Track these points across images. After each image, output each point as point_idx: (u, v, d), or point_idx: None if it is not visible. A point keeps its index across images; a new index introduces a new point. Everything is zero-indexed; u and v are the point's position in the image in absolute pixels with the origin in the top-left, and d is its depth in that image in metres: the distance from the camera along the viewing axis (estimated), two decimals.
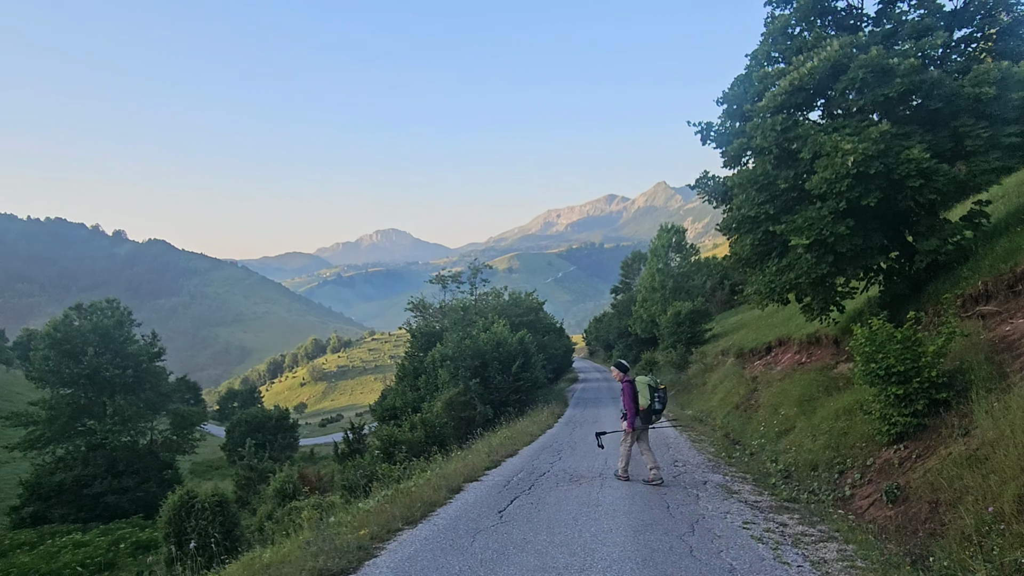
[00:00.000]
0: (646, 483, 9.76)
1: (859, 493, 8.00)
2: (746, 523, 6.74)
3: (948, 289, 11.60)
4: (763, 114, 12.97)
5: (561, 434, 16.93)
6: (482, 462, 11.60)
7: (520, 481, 9.96)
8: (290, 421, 56.78)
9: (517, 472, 10.81)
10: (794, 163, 13.10)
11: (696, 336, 32.54)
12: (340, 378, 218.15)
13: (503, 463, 11.91)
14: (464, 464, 11.24)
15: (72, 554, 22.53)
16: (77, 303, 33.87)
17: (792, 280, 12.53)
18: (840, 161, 11.25)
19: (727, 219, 13.79)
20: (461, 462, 11.60)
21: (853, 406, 10.31)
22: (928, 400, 7.88)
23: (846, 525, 6.70)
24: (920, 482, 6.98)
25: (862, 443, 8.91)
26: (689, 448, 13.38)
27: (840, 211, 11.56)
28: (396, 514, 7.30)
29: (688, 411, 21.69)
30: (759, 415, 15.10)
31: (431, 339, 32.29)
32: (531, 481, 9.86)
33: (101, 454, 30.82)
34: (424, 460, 15.90)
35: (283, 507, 16.48)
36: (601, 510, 7.48)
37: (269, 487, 20.75)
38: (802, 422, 11.91)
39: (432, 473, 10.91)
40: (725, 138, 14.19)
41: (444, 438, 21.69)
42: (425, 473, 11.27)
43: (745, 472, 10.38)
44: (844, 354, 14.72)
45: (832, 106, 12.91)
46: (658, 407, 9.83)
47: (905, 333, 8.19)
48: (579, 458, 12.28)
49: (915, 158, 10.90)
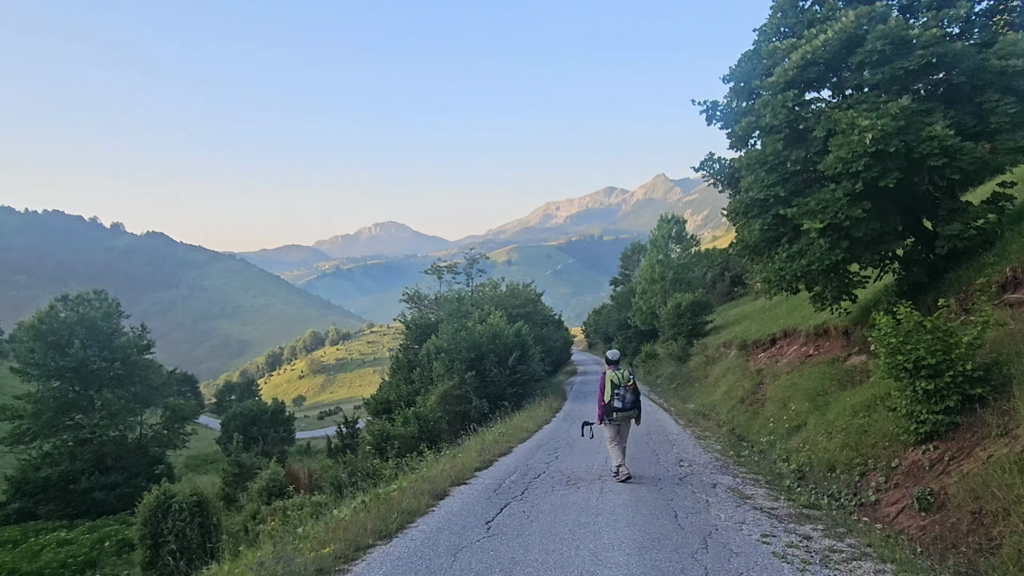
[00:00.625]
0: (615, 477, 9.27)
1: (885, 498, 7.27)
2: (765, 536, 5.94)
3: (971, 276, 10.88)
4: (773, 90, 12.18)
5: (558, 430, 16.20)
6: (472, 462, 10.76)
7: (512, 484, 9.15)
8: (286, 414, 56.09)
9: (510, 474, 10.00)
10: (806, 142, 12.33)
11: (697, 328, 31.85)
12: (339, 371, 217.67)
13: (495, 463, 11.10)
14: (452, 464, 10.36)
15: (54, 553, 21.88)
16: (64, 294, 33.06)
17: (804, 267, 11.78)
18: (857, 139, 10.48)
19: (734, 203, 13.01)
20: (450, 462, 10.75)
21: (872, 401, 9.58)
22: (961, 396, 7.15)
23: (879, 538, 5.95)
24: (958, 488, 6.24)
25: (885, 442, 8.18)
26: (694, 445, 12.63)
27: (856, 193, 10.80)
28: (369, 527, 6.42)
29: (690, 405, 20.99)
30: (767, 410, 14.39)
31: (426, 331, 31.53)
32: (524, 484, 9.05)
33: (89, 449, 30.07)
34: (416, 456, 15.23)
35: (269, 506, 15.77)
36: (602, 521, 6.65)
37: (254, 485, 20.03)
38: (815, 418, 11.19)
39: (418, 475, 10.08)
40: (732, 117, 13.40)
41: (438, 433, 20.99)
42: (410, 475, 10.48)
43: (756, 473, 9.61)
44: (855, 346, 14.01)
45: (846, 84, 12.11)
46: (617, 405, 9.15)
47: (935, 322, 7.44)
48: (577, 457, 11.52)
49: (938, 135, 10.13)
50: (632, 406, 9.20)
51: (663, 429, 15.27)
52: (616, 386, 9.23)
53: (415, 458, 14.98)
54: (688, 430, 15.22)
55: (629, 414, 9.26)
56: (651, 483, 8.91)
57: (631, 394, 9.17)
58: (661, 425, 16.14)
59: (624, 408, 9.15)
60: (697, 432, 14.81)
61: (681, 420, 17.41)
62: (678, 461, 10.71)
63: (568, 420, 18.74)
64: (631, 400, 9.16)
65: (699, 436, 13.99)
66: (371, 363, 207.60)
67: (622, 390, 9.17)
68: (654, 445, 12.70)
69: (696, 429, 15.49)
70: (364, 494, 8.83)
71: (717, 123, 13.77)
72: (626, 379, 9.28)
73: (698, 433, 14.62)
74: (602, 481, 9.12)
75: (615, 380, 9.26)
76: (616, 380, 9.26)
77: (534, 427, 16.41)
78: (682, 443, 12.98)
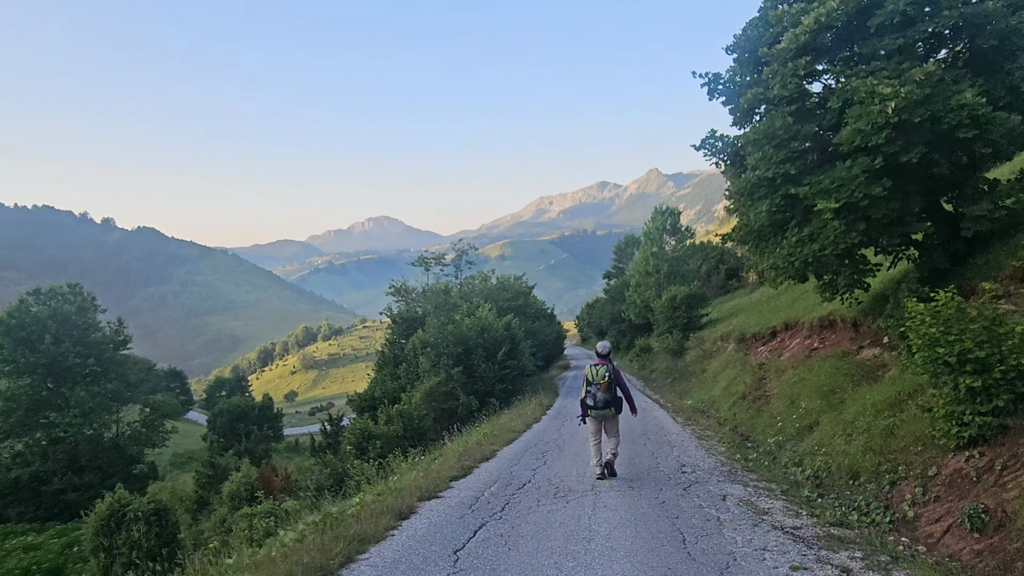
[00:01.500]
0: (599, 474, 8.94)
1: (925, 514, 6.24)
2: (795, 569, 4.82)
3: (1002, 261, 9.88)
4: (781, 59, 11.12)
5: (548, 429, 15.10)
6: (449, 469, 9.56)
7: (492, 497, 7.97)
8: (274, 410, 54.90)
9: (490, 483, 8.86)
10: (817, 116, 11.29)
11: (692, 321, 30.97)
12: (331, 366, 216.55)
13: (475, 469, 9.89)
14: (426, 473, 9.17)
15: (19, 559, 20.73)
16: (36, 287, 31.77)
17: (816, 252, 10.74)
18: (878, 109, 9.42)
19: (739, 183, 11.92)
20: (423, 469, 9.58)
21: (897, 399, 8.57)
22: (1013, 395, 6.14)
23: (930, 571, 4.89)
24: (1020, 504, 5.22)
25: (917, 447, 7.17)
26: (696, 447, 11.56)
27: (875, 170, 9.77)
28: (306, 561, 5.19)
29: (688, 401, 20.00)
30: (772, 407, 13.39)
31: (413, 324, 30.42)
32: (506, 497, 7.92)
33: (62, 449, 28.85)
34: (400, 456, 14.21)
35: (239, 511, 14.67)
36: (595, 548, 5.46)
37: (226, 488, 18.90)
38: (828, 418, 10.18)
39: (384, 486, 8.88)
40: (736, 90, 12.33)
41: (423, 432, 19.94)
42: (378, 485, 9.31)
43: (769, 480, 8.51)
44: (866, 338, 13.03)
45: (863, 51, 11.05)
46: (589, 403, 8.89)
47: (981, 309, 6.43)
48: (567, 462, 10.41)
49: (968, 103, 9.09)
50: (605, 405, 8.85)
51: (661, 428, 14.22)
52: (590, 383, 8.96)
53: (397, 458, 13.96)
54: (687, 429, 14.19)
55: (603, 412, 8.93)
56: (651, 493, 7.80)
57: (602, 392, 8.78)
58: (658, 423, 15.11)
59: (596, 406, 8.86)
60: (697, 431, 13.78)
61: (679, 418, 16.39)
62: (680, 466, 9.64)
63: (559, 418, 17.68)
64: (603, 399, 8.83)
65: (700, 436, 12.93)
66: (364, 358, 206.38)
67: (593, 388, 8.89)
68: (652, 447, 11.64)
69: (696, 428, 14.46)
70: (315, 512, 7.62)
71: (719, 97, 12.70)
72: (600, 376, 8.87)
73: (698, 432, 13.58)
74: (595, 493, 7.97)
75: (589, 377, 8.98)
76: (591, 377, 8.96)
77: (522, 427, 15.27)
78: (682, 444, 11.91)
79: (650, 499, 7.53)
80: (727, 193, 15.57)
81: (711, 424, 14.96)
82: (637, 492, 7.95)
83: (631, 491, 8.04)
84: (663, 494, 7.73)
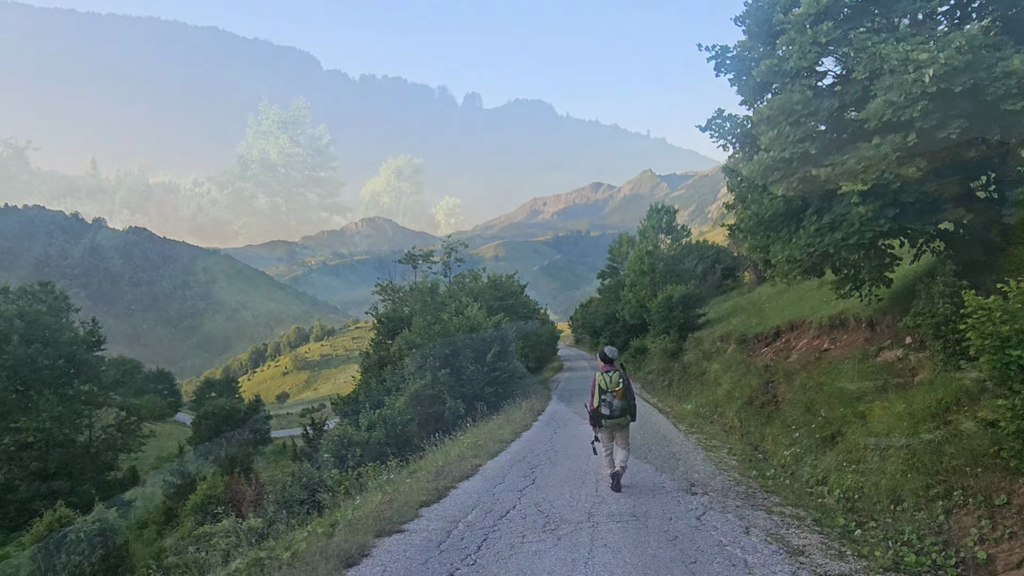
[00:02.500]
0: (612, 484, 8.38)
1: (1001, 556, 5.06)
2: None
3: None
4: (799, 26, 9.95)
5: (539, 439, 13.81)
6: (419, 493, 8.02)
7: (467, 531, 6.56)
8: (261, 413, 53.53)
9: (467, 510, 7.46)
10: (836, 93, 10.13)
11: (689, 322, 29.88)
12: (323, 367, 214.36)
13: (452, 490, 8.52)
14: (392, 498, 7.67)
15: None
16: (4, 285, 30.34)
17: (838, 241, 9.61)
18: (912, 77, 8.25)
19: (749, 166, 10.71)
20: (389, 493, 8.15)
21: (941, 410, 7.40)
22: None
23: None
24: None
25: (976, 469, 6.00)
26: (704, 459, 10.33)
27: (908, 147, 8.62)
28: None
29: (687, 405, 18.83)
30: (784, 414, 12.22)
31: (399, 324, 29.14)
32: (484, 530, 6.55)
33: (30, 454, 27.46)
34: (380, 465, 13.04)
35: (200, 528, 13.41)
36: None
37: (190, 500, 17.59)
38: (854, 429, 9.01)
39: (339, 514, 7.52)
40: (747, 63, 11.13)
41: (407, 438, 18.70)
42: (332, 514, 8.01)
43: (796, 505, 7.24)
44: (885, 338, 11.87)
45: (892, 15, 9.90)
46: (605, 412, 8.27)
47: None
48: (560, 480, 9.10)
49: (1017, 70, 7.96)
50: (621, 413, 8.31)
51: (663, 437, 12.97)
52: (603, 391, 8.31)
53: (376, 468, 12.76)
54: (692, 438, 12.97)
55: (619, 421, 8.36)
56: (659, 524, 6.50)
57: (619, 400, 8.11)
58: (659, 432, 13.86)
59: (612, 415, 8.27)
60: (703, 440, 12.57)
61: (681, 425, 15.18)
62: (689, 486, 8.40)
63: (551, 425, 16.43)
64: (619, 407, 8.26)
65: (707, 447, 11.70)
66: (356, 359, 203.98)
67: (608, 396, 8.26)
68: (656, 460, 10.38)
69: (701, 436, 13.26)
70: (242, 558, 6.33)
71: (727, 73, 11.51)
72: (615, 383, 8.25)
73: (704, 442, 12.38)
74: (592, 524, 6.64)
75: (602, 385, 8.34)
76: (604, 385, 8.32)
77: (510, 436, 13.96)
78: (688, 457, 10.67)
79: (659, 534, 6.27)
80: (729, 184, 14.39)
81: (717, 432, 13.79)
82: (643, 523, 6.67)
83: (635, 521, 6.77)
84: (673, 525, 6.44)
